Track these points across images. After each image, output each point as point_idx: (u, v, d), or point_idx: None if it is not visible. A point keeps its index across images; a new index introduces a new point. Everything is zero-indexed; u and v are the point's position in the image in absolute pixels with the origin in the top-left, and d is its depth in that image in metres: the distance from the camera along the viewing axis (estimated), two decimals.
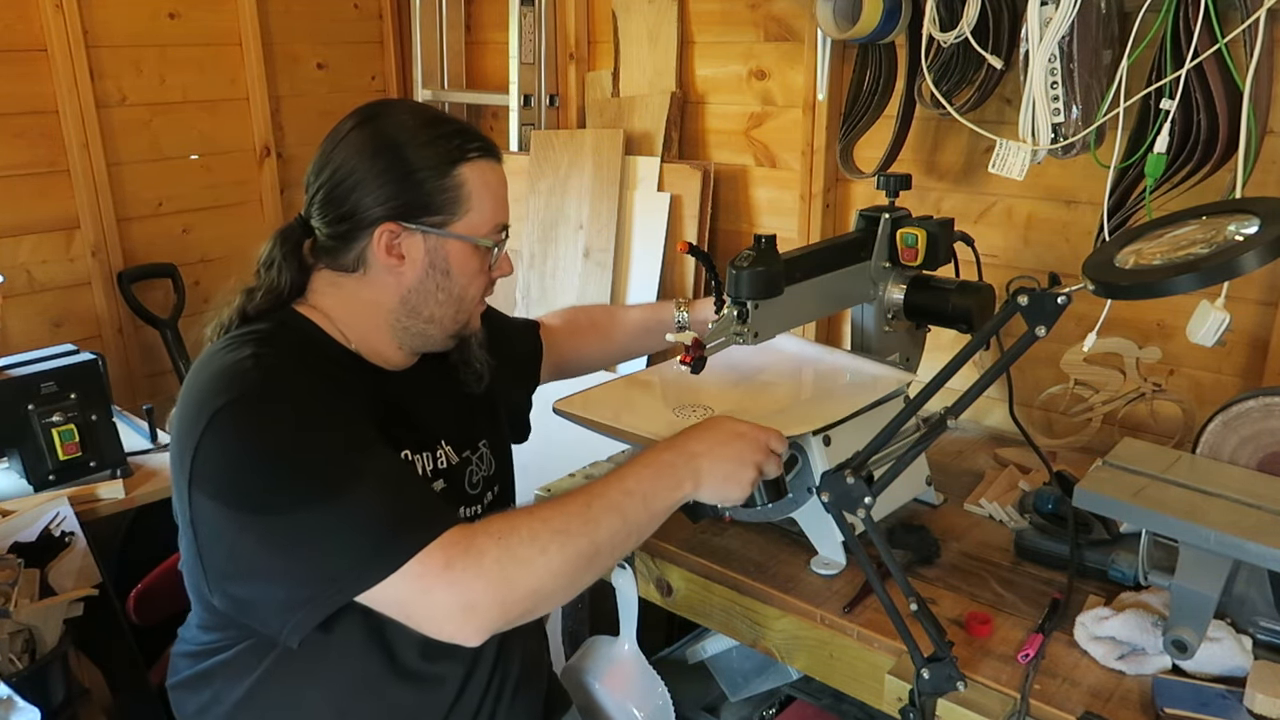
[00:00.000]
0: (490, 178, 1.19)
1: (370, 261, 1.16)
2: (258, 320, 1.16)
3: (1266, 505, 1.11)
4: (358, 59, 2.83)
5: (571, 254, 2.39)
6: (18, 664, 1.40)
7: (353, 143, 1.14)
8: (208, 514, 1.04)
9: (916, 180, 1.73)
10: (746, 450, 1.14)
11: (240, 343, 1.11)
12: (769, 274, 1.31)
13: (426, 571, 0.98)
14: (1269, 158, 1.53)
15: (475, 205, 1.16)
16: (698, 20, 2.24)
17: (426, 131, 1.15)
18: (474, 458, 1.29)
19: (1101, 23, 1.51)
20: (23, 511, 1.68)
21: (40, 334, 2.30)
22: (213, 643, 1.15)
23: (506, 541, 1.01)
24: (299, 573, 1.01)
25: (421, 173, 1.13)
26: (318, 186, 1.16)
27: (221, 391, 1.05)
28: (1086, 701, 1.08)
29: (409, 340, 1.22)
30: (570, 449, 1.69)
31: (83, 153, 2.30)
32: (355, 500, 1.01)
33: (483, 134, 1.20)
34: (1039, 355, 1.73)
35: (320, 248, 1.18)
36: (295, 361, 1.12)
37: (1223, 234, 1.01)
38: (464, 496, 1.26)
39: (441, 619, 1.01)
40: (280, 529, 1.01)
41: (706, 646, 1.81)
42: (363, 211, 1.13)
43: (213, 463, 1.03)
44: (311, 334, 1.18)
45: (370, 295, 1.18)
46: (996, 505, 1.49)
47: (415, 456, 1.20)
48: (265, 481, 1.02)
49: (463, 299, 1.21)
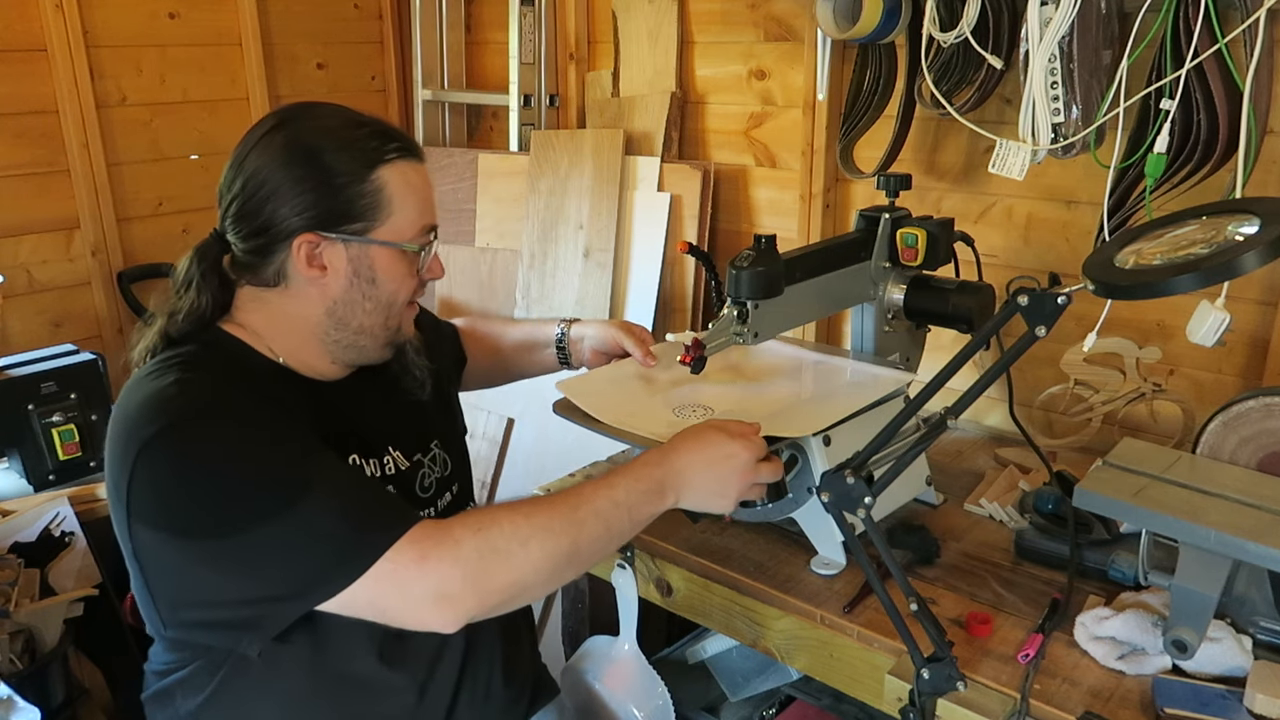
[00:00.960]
0: (412, 178, 1.14)
1: (291, 275, 1.11)
2: (182, 343, 1.12)
3: (1266, 505, 1.11)
4: (358, 59, 2.83)
5: (571, 254, 2.39)
6: (18, 664, 1.40)
7: (265, 149, 1.09)
8: (151, 545, 1.02)
9: (916, 180, 1.73)
10: (734, 474, 1.14)
11: (164, 368, 1.07)
12: (769, 274, 1.31)
13: (398, 568, 0.98)
14: (1269, 158, 1.53)
15: (398, 209, 1.12)
16: (698, 20, 2.24)
17: (342, 134, 1.11)
18: (425, 459, 1.26)
19: (1101, 23, 1.51)
20: (23, 511, 1.68)
21: (40, 334, 2.29)
22: (171, 663, 1.13)
23: (486, 534, 1.00)
24: (260, 589, 1.00)
25: (339, 179, 1.08)
26: (230, 198, 1.11)
27: (149, 420, 1.01)
28: (1086, 701, 1.08)
29: (341, 353, 1.18)
30: (570, 449, 1.69)
31: (83, 153, 2.30)
32: (310, 509, 0.98)
33: (403, 134, 1.16)
34: (1039, 355, 1.73)
35: (239, 263, 1.14)
36: (224, 382, 1.08)
37: (1223, 234, 1.01)
38: (416, 500, 1.23)
39: (416, 607, 1.00)
40: (234, 550, 0.98)
41: (706, 646, 1.81)
42: (279, 223, 1.09)
43: (150, 493, 1.00)
44: (238, 352, 1.13)
45: (295, 309, 1.14)
46: (996, 505, 1.49)
47: (362, 462, 1.17)
48: (209, 505, 0.99)
49: (391, 305, 1.17)
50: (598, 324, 1.53)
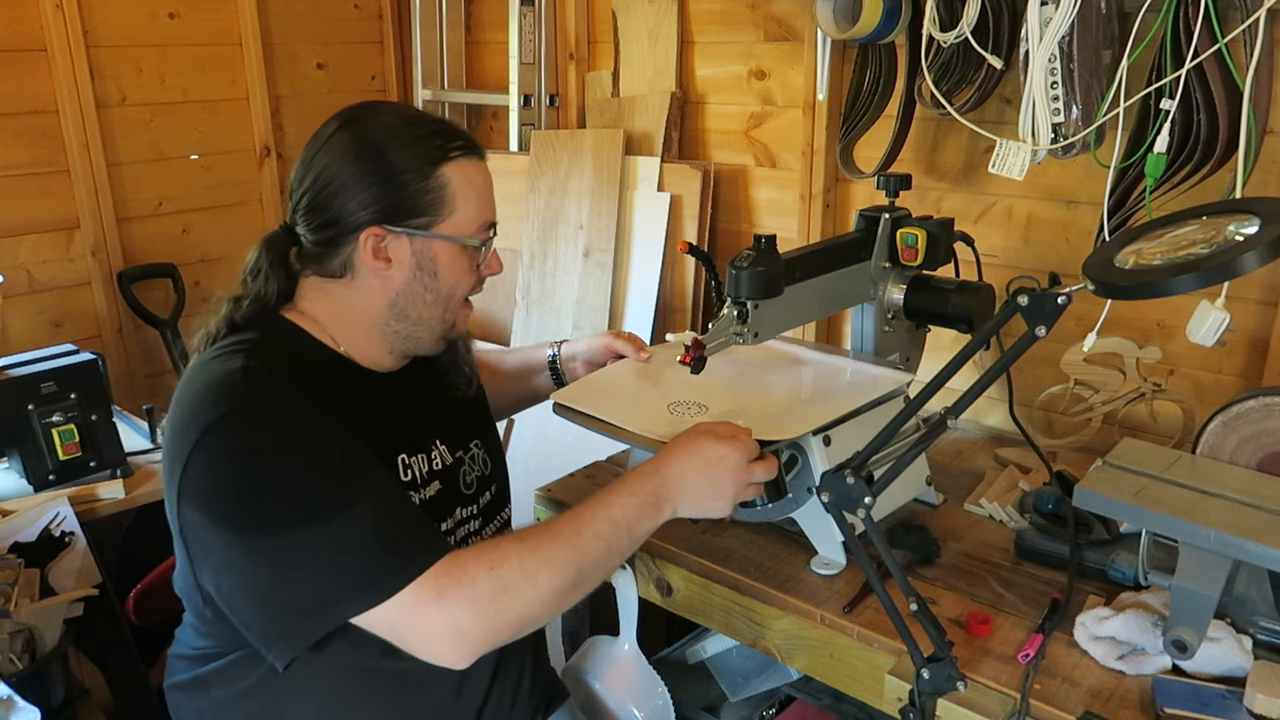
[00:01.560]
0: (474, 176, 1.18)
1: (357, 266, 1.16)
2: (246, 328, 1.15)
3: (1266, 505, 1.11)
4: (358, 59, 2.83)
5: (571, 254, 2.39)
6: (18, 664, 1.40)
7: (334, 147, 1.14)
8: (197, 528, 1.04)
9: (916, 180, 1.73)
10: (726, 475, 1.15)
11: (230, 353, 1.10)
12: (769, 274, 1.31)
13: (420, 600, 0.99)
14: (1269, 158, 1.53)
15: (460, 205, 1.16)
16: (698, 20, 2.24)
17: (407, 132, 1.14)
18: (466, 458, 1.29)
19: (1101, 23, 1.51)
20: (23, 511, 1.68)
21: (40, 334, 2.30)
22: (208, 648, 1.14)
23: (498, 571, 1.02)
24: (288, 597, 1.01)
25: (404, 175, 1.13)
26: (301, 193, 1.15)
27: (212, 405, 1.04)
28: (1086, 701, 1.08)
29: (399, 343, 1.22)
30: (570, 449, 1.69)
31: (83, 153, 2.30)
32: (348, 523, 1.00)
33: (465, 132, 1.20)
34: (1039, 355, 1.73)
35: (306, 254, 1.18)
36: (286, 373, 1.11)
37: (1223, 234, 1.01)
38: (460, 497, 1.26)
39: (431, 643, 1.01)
40: (270, 550, 1.00)
41: (706, 646, 1.81)
42: (347, 217, 1.13)
43: (202, 478, 1.03)
44: (300, 341, 1.17)
45: (358, 300, 1.18)
46: (996, 505, 1.49)
47: (410, 459, 1.19)
48: (255, 500, 1.01)
49: (450, 298, 1.21)
50: (586, 339, 1.55)
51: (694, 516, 1.18)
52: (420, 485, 1.20)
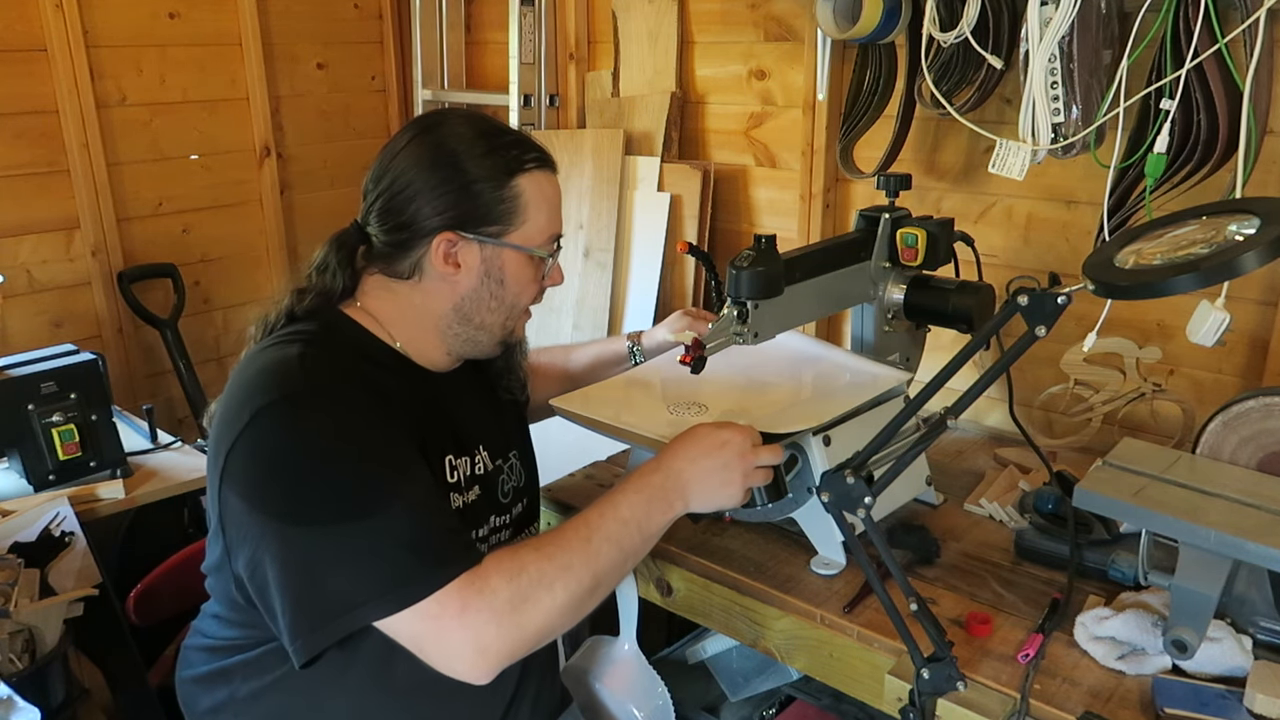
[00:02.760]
0: (546, 188, 1.20)
1: (426, 269, 1.17)
2: (304, 319, 1.16)
3: (1266, 505, 1.11)
4: (358, 59, 2.83)
5: (571, 254, 2.39)
6: (18, 664, 1.40)
7: (411, 153, 1.15)
8: (236, 513, 1.04)
9: (916, 180, 1.73)
10: (732, 458, 1.15)
11: (287, 341, 1.11)
12: (769, 274, 1.31)
13: (444, 612, 0.99)
14: (1269, 158, 1.53)
15: (531, 216, 1.18)
16: (698, 20, 2.24)
17: (484, 142, 1.16)
18: (505, 466, 1.30)
19: (1101, 23, 1.51)
20: (23, 511, 1.68)
21: (40, 334, 2.30)
22: (234, 639, 1.14)
23: (517, 583, 1.02)
24: (314, 593, 1.01)
25: (479, 183, 1.14)
26: (376, 195, 1.17)
27: (267, 389, 1.05)
28: (1086, 701, 1.08)
29: (458, 346, 1.23)
30: (570, 449, 1.69)
31: (83, 153, 2.30)
32: (381, 525, 1.00)
33: (540, 145, 1.20)
34: (1039, 355, 1.73)
35: (375, 254, 1.19)
36: (342, 367, 1.12)
37: (1223, 234, 1.01)
38: (496, 505, 1.27)
39: (454, 659, 1.01)
40: (302, 542, 1.00)
41: (706, 646, 1.81)
42: (421, 221, 1.15)
43: (246, 461, 1.03)
44: (358, 336, 1.18)
45: (423, 301, 1.19)
46: (996, 505, 1.49)
47: (457, 461, 1.20)
48: (296, 490, 1.02)
49: (514, 306, 1.22)
50: (665, 324, 1.57)
51: (706, 509, 1.17)
52: (464, 488, 1.20)
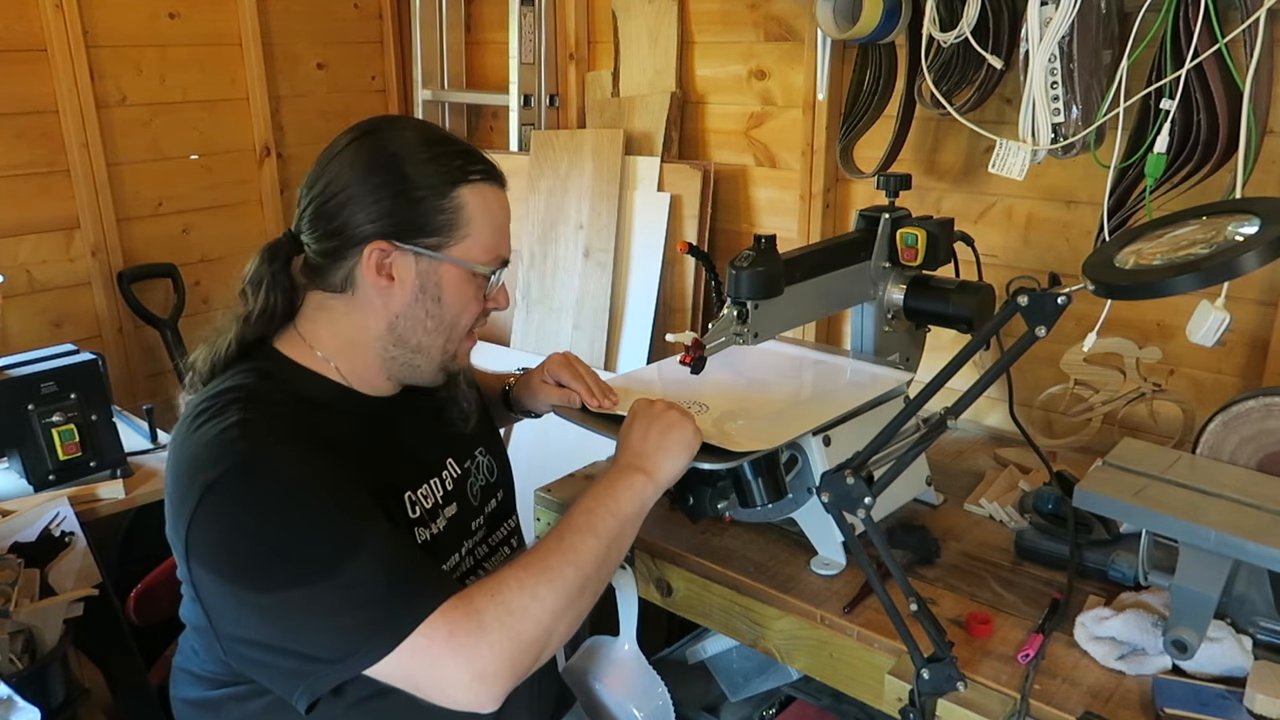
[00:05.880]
0: (492, 204, 1.14)
1: (358, 281, 1.11)
2: (243, 360, 1.13)
3: (1266, 505, 1.11)
4: (358, 59, 2.83)
5: (571, 254, 2.39)
6: (18, 664, 1.40)
7: (349, 156, 1.10)
8: (209, 585, 1.03)
9: (916, 180, 1.73)
10: (676, 417, 1.18)
11: (225, 405, 1.06)
12: (769, 274, 1.31)
13: (431, 642, 0.97)
14: (1269, 158, 1.53)
15: (474, 230, 1.12)
16: (698, 20, 2.24)
17: (428, 149, 1.11)
18: (473, 466, 1.28)
19: (1101, 23, 1.51)
20: (23, 511, 1.68)
21: (40, 334, 2.30)
22: (220, 675, 1.11)
23: (499, 596, 1.00)
24: (303, 650, 1.00)
25: (418, 191, 1.09)
26: (309, 200, 1.12)
27: (211, 464, 1.01)
28: (1086, 701, 1.08)
29: (397, 370, 1.18)
30: (570, 449, 1.69)
31: (83, 153, 2.30)
32: (352, 577, 0.98)
33: (488, 159, 1.16)
34: (1039, 355, 1.73)
35: (309, 265, 1.14)
36: (284, 425, 1.07)
37: (1223, 234, 1.01)
38: (469, 509, 1.25)
39: (451, 687, 0.99)
40: (279, 607, 0.99)
41: (706, 646, 1.81)
42: (354, 228, 1.09)
43: (208, 537, 1.01)
44: (297, 378, 1.14)
45: (358, 318, 1.14)
46: (996, 505, 1.49)
47: (418, 494, 1.17)
48: (260, 559, 1.00)
49: (453, 328, 1.16)
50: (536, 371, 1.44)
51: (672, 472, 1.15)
52: (428, 520, 1.17)
